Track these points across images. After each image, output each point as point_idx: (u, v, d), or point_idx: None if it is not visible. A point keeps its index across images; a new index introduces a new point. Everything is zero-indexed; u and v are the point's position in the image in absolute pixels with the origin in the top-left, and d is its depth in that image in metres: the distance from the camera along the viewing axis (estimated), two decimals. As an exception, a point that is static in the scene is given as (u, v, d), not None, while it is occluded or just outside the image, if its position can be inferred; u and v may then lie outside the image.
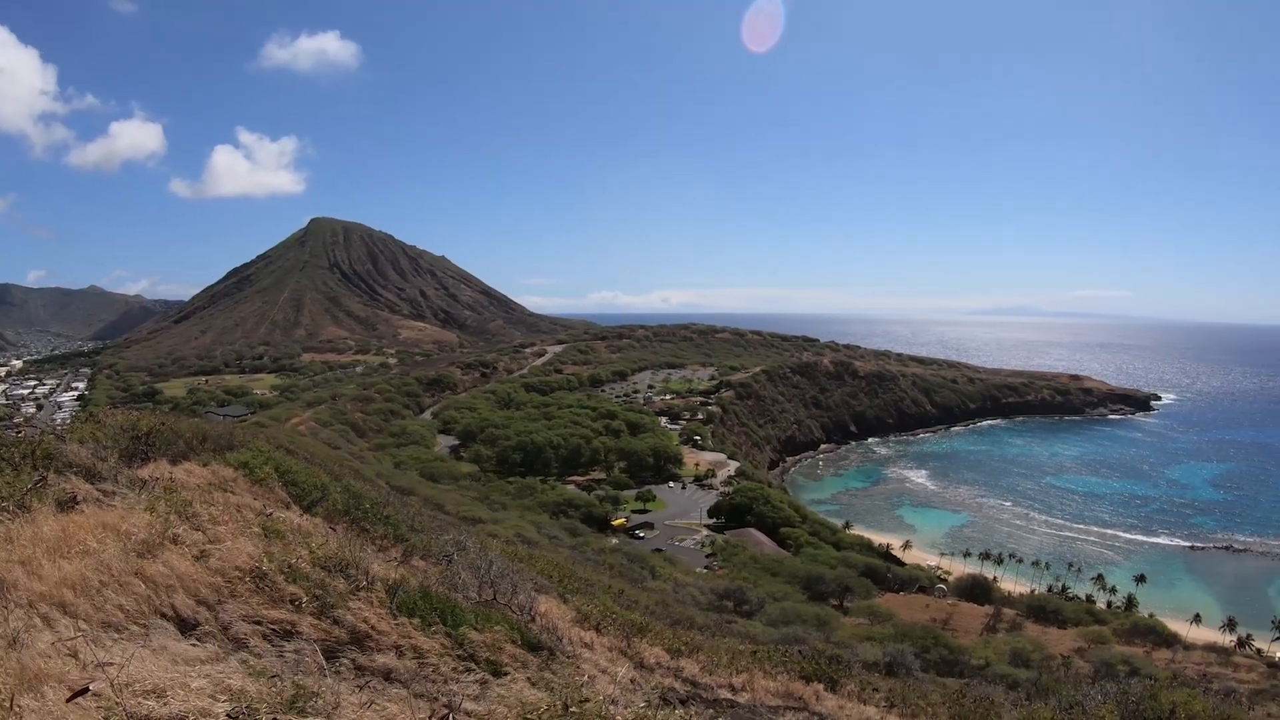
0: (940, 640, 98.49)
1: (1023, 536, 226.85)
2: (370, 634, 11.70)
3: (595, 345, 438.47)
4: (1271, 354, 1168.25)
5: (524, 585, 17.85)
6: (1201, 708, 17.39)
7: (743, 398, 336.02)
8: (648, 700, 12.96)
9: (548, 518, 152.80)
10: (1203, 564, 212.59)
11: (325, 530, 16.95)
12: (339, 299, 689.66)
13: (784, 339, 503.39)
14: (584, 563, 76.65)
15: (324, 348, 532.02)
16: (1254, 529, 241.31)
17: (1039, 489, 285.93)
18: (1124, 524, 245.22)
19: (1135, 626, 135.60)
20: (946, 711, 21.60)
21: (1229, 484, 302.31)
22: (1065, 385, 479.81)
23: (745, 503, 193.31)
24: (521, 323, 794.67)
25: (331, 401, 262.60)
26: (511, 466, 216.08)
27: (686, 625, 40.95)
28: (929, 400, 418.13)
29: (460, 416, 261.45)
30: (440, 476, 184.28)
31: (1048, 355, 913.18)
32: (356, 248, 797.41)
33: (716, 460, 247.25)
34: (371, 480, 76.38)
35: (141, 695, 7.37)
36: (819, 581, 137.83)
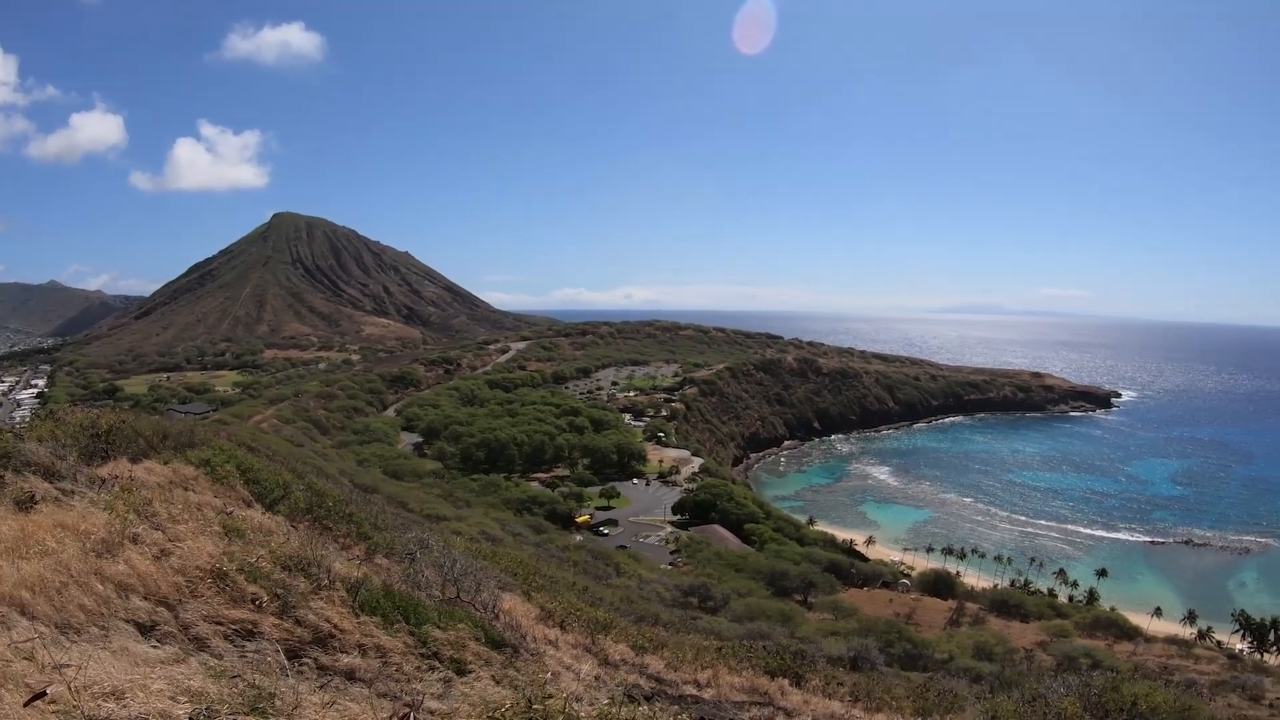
0: (904, 635, 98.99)
1: (985, 532, 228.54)
2: (333, 633, 11.64)
3: (559, 342, 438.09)
4: (1229, 352, 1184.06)
5: (488, 583, 17.81)
6: (1163, 699, 17.54)
7: (706, 394, 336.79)
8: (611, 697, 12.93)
9: (512, 515, 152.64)
10: (1163, 558, 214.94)
11: (287, 529, 16.83)
12: (302, 295, 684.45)
13: (748, 336, 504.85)
14: (548, 560, 76.56)
15: (287, 344, 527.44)
16: (1213, 524, 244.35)
17: (1001, 485, 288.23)
18: (1085, 519, 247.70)
19: (1097, 620, 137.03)
20: (911, 705, 21.71)
21: (1188, 480, 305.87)
22: (1027, 382, 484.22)
23: (709, 499, 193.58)
24: (485, 319, 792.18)
25: (294, 399, 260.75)
26: (475, 464, 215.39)
27: (651, 622, 41.04)
28: (892, 397, 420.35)
29: (424, 413, 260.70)
30: (404, 474, 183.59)
31: (1010, 353, 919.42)
32: (320, 243, 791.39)
33: (680, 457, 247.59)
34: (335, 478, 76.05)
35: (100, 698, 7.29)
36: (783, 577, 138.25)
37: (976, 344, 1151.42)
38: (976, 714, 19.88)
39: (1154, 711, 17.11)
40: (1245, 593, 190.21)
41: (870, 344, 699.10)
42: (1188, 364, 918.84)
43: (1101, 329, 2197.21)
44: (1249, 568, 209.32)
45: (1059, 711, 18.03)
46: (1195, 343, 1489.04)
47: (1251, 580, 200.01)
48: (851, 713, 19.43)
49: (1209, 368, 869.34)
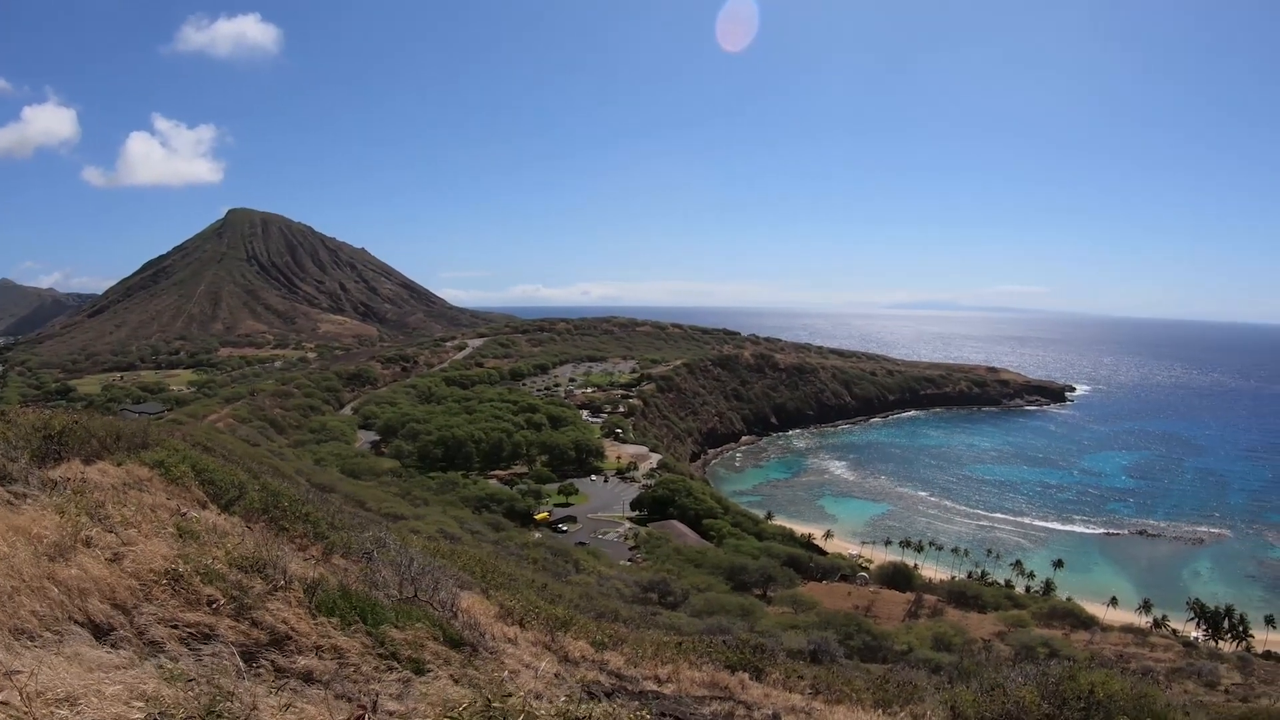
0: (863, 627, 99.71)
1: (942, 525, 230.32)
2: (290, 635, 11.56)
3: (516, 339, 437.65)
4: (1183, 347, 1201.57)
5: (446, 582, 17.74)
6: (1119, 687, 17.69)
7: (664, 390, 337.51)
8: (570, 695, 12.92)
9: (470, 513, 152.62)
10: (1118, 549, 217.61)
11: (242, 529, 16.70)
12: (257, 292, 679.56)
13: (705, 332, 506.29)
14: (507, 558, 76.45)
15: (242, 342, 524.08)
16: (1166, 515, 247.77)
17: (957, 478, 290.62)
18: (1040, 512, 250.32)
19: (1054, 610, 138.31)
20: (871, 696, 21.80)
21: (1142, 472, 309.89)
22: (982, 377, 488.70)
23: (668, 495, 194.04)
24: (442, 316, 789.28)
25: (250, 397, 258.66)
26: (433, 461, 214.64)
27: (611, 618, 41.01)
28: (849, 392, 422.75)
29: (381, 411, 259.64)
30: (361, 473, 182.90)
31: (965, 348, 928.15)
32: (275, 239, 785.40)
33: (638, 453, 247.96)
34: (291, 477, 75.47)
35: (54, 704, 7.20)
36: (742, 572, 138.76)
37: (933, 339, 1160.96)
38: (936, 704, 19.97)
39: (1111, 699, 17.26)
40: (1199, 582, 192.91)
41: (827, 340, 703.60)
42: (1142, 359, 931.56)
43: (1056, 324, 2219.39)
44: (1202, 558, 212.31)
45: (1017, 700, 18.15)
46: (1149, 338, 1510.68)
47: (1205, 570, 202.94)
48: (812, 705, 19.48)
49: (1163, 363, 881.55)
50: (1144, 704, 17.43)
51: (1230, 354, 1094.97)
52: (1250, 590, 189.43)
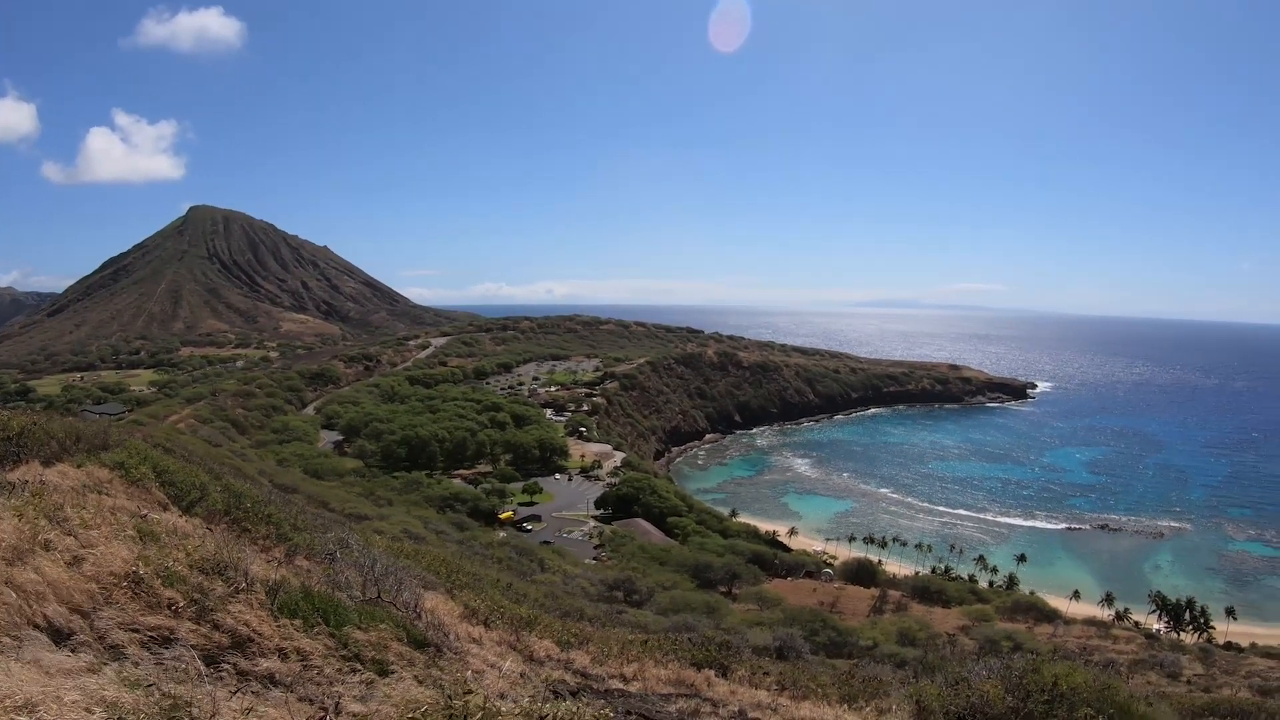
0: (828, 623, 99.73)
1: (905, 521, 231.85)
2: (252, 637, 11.47)
3: (480, 337, 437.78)
4: (1143, 345, 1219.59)
5: (410, 582, 17.67)
6: (1083, 679, 17.80)
7: (627, 389, 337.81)
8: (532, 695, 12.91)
9: (434, 512, 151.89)
10: (1080, 543, 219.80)
11: (203, 531, 16.58)
12: (219, 290, 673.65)
13: (668, 330, 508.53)
14: (472, 557, 76.21)
15: (203, 341, 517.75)
16: (1127, 509, 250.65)
17: (920, 475, 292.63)
18: (1003, 507, 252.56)
19: (1017, 604, 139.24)
20: (837, 692, 21.87)
21: (1102, 467, 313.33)
22: (945, 375, 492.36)
23: (632, 493, 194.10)
24: (405, 315, 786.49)
25: (211, 397, 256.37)
26: (396, 461, 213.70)
27: (576, 617, 40.97)
28: (812, 390, 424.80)
29: (344, 411, 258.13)
30: (324, 473, 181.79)
31: (928, 346, 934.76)
32: (237, 237, 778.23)
33: (602, 451, 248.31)
34: (253, 478, 75.02)
35: (12, 710, 7.13)
36: (707, 569, 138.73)
37: (895, 337, 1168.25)
38: (901, 699, 20.05)
39: (1074, 691, 17.36)
40: (1160, 575, 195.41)
41: (790, 337, 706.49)
42: (1102, 356, 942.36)
43: (1018, 322, 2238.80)
44: (1163, 551, 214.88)
45: (982, 694, 18.23)
46: (1110, 336, 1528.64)
47: (1166, 563, 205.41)
48: (778, 701, 19.53)
49: (1123, 360, 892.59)
50: (1107, 696, 17.55)
51: (1191, 351, 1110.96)
52: (1211, 583, 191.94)
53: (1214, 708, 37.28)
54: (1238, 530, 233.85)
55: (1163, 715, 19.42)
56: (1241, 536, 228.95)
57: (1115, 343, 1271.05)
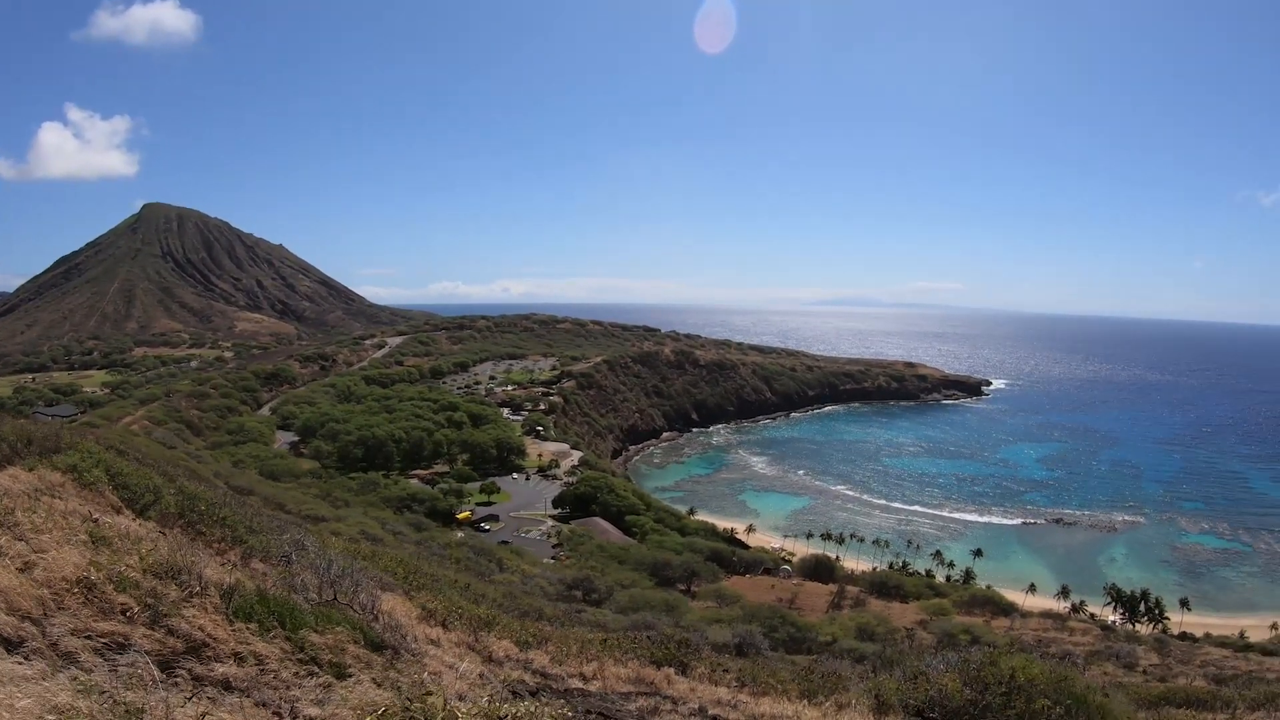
0: (787, 619, 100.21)
1: (862, 518, 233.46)
2: (207, 642, 11.36)
3: (436, 336, 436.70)
4: (1097, 343, 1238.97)
5: (367, 584, 17.57)
6: (1039, 670, 17.97)
7: (584, 388, 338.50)
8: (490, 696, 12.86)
9: (392, 513, 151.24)
10: (1035, 537, 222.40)
11: (157, 535, 16.42)
12: (172, 289, 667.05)
13: (625, 329, 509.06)
14: (429, 558, 75.85)
15: (157, 341, 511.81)
16: (1081, 503, 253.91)
17: (877, 472, 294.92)
18: (959, 503, 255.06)
19: (974, 598, 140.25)
20: (796, 687, 21.93)
21: (1057, 463, 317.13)
22: (901, 372, 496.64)
23: (590, 492, 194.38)
24: (361, 314, 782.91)
25: (165, 399, 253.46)
26: (353, 462, 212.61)
27: (535, 617, 40.90)
28: (769, 388, 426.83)
29: (300, 411, 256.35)
30: (280, 474, 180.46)
31: (884, 344, 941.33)
32: (191, 235, 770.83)
33: (560, 450, 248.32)
34: (209, 480, 74.27)
35: (-39, 719, 7.03)
36: (666, 567, 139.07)
37: (851, 335, 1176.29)
38: (860, 693, 20.14)
39: (1031, 683, 17.53)
40: (1115, 567, 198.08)
41: (747, 336, 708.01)
42: (1057, 354, 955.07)
43: (974, 320, 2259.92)
44: (1117, 544, 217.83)
45: (940, 687, 18.38)
46: (1065, 333, 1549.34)
47: (1120, 555, 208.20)
48: (738, 698, 19.55)
49: (1077, 357, 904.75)
50: (1064, 686, 17.74)
51: (1144, 348, 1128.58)
52: (1165, 574, 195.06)
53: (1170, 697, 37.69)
54: (1190, 523, 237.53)
55: (1119, 705, 19.66)
56: (1194, 529, 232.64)
57: (1070, 341, 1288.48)
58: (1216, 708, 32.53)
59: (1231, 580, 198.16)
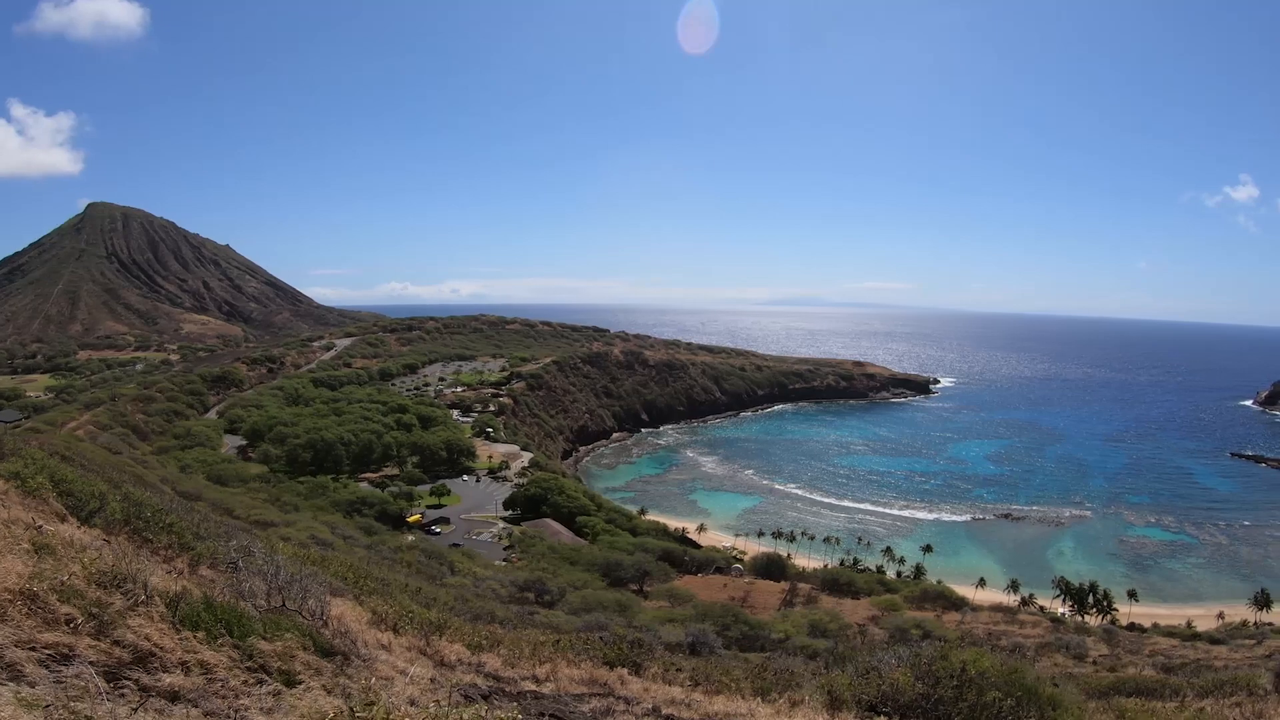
0: (740, 618, 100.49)
1: (813, 515, 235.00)
2: (153, 652, 11.21)
3: (385, 338, 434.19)
4: (1044, 341, 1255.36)
5: (316, 589, 17.42)
6: (990, 663, 18.15)
7: (534, 389, 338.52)
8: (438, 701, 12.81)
9: (341, 517, 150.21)
10: (984, 533, 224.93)
11: (101, 542, 16.20)
12: (117, 291, 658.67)
13: (574, 329, 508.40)
14: (380, 562, 75.52)
15: (102, 344, 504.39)
16: (1029, 499, 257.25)
17: (827, 470, 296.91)
18: (908, 500, 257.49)
19: (925, 593, 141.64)
20: (750, 685, 21.97)
21: (1005, 459, 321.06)
22: (849, 371, 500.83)
23: (540, 493, 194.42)
24: (309, 315, 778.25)
25: (111, 403, 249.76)
26: (302, 466, 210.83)
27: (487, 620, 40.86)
28: (719, 387, 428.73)
29: (247, 415, 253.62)
30: (228, 479, 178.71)
31: (833, 343, 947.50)
32: (136, 235, 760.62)
33: (510, 452, 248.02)
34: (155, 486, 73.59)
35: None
36: (618, 568, 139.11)
37: (801, 335, 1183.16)
38: (813, 689, 20.19)
39: (982, 676, 17.70)
40: (1063, 560, 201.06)
41: (697, 336, 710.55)
42: (1004, 352, 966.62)
43: (923, 319, 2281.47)
44: (1065, 538, 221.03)
45: (892, 682, 18.53)
46: (1012, 332, 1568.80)
47: (1069, 549, 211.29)
48: (692, 697, 19.56)
49: (1024, 356, 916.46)
50: (1015, 678, 17.94)
51: (1090, 347, 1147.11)
52: (1112, 567, 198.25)
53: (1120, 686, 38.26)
54: (1137, 516, 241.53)
55: (1069, 695, 19.89)
56: (1140, 522, 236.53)
57: (1018, 339, 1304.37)
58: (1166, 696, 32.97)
59: (1178, 571, 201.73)
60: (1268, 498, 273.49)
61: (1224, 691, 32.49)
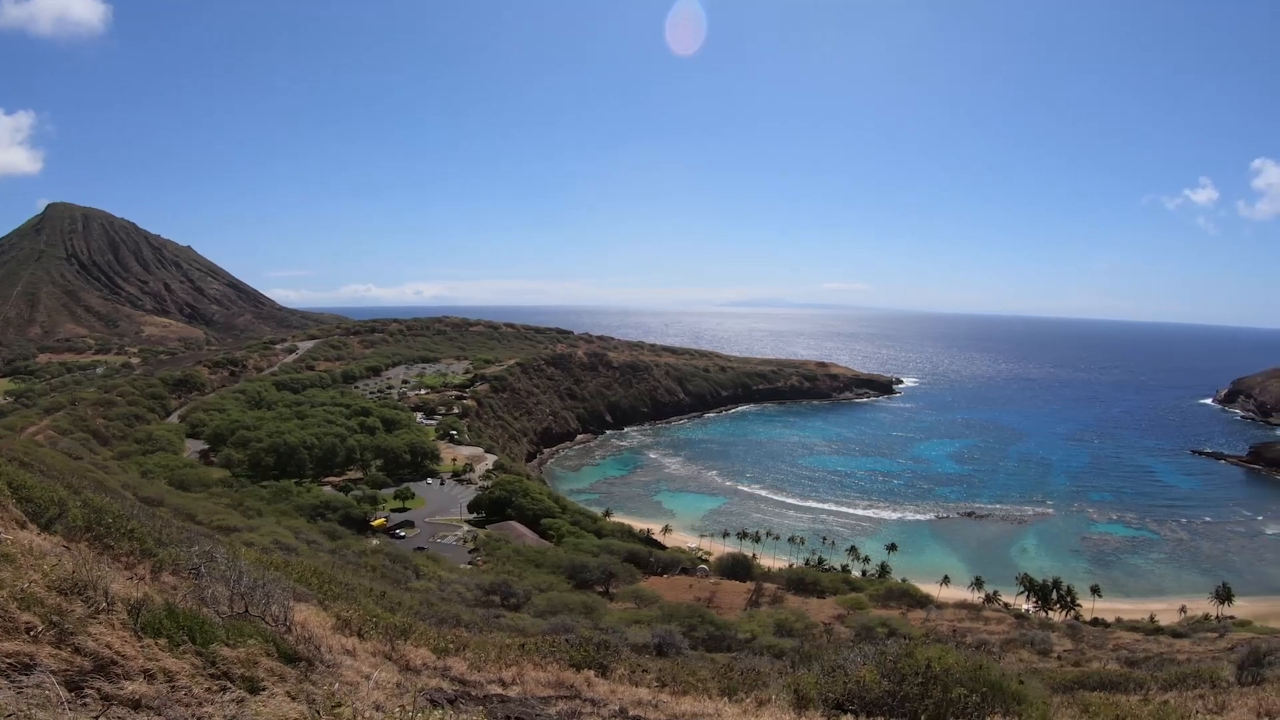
0: (706, 618, 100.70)
1: (777, 516, 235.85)
2: (115, 659, 11.11)
3: (348, 340, 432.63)
4: (1005, 342, 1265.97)
5: (279, 594, 17.31)
6: (955, 660, 18.29)
7: (498, 390, 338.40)
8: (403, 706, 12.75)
9: (305, 522, 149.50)
10: (948, 531, 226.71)
11: (61, 550, 16.04)
12: (77, 293, 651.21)
13: (538, 331, 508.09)
14: (344, 566, 75.20)
15: (62, 347, 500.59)
16: (992, 497, 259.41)
17: (791, 470, 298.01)
18: (872, 499, 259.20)
19: (890, 591, 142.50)
20: (716, 685, 22.03)
21: (967, 458, 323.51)
22: (813, 372, 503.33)
23: (505, 496, 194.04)
24: (271, 318, 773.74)
25: (71, 407, 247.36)
26: (265, 470, 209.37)
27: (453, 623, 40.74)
28: (682, 389, 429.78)
29: (209, 419, 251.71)
30: (190, 484, 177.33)
31: (796, 344, 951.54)
32: (97, 236, 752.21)
33: (474, 454, 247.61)
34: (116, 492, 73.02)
35: None
36: (583, 570, 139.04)
37: (764, 336, 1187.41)
38: (780, 689, 20.27)
39: (947, 672, 17.83)
40: (1026, 557, 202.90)
41: (660, 337, 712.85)
42: (967, 352, 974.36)
43: (886, 320, 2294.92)
44: (1028, 535, 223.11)
45: (858, 680, 18.64)
46: (975, 333, 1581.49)
47: (1031, 546, 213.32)
48: (659, 698, 19.57)
49: (987, 355, 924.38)
50: (980, 675, 18.08)
51: (1051, 347, 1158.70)
52: (1075, 563, 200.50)
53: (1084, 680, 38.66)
54: (1099, 513, 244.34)
55: (1034, 690, 20.07)
56: (1103, 519, 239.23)
57: (980, 340, 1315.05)
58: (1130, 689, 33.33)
59: (1140, 567, 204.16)
60: (1228, 494, 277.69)
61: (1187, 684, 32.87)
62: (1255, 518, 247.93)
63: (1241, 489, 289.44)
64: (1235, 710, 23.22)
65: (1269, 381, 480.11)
